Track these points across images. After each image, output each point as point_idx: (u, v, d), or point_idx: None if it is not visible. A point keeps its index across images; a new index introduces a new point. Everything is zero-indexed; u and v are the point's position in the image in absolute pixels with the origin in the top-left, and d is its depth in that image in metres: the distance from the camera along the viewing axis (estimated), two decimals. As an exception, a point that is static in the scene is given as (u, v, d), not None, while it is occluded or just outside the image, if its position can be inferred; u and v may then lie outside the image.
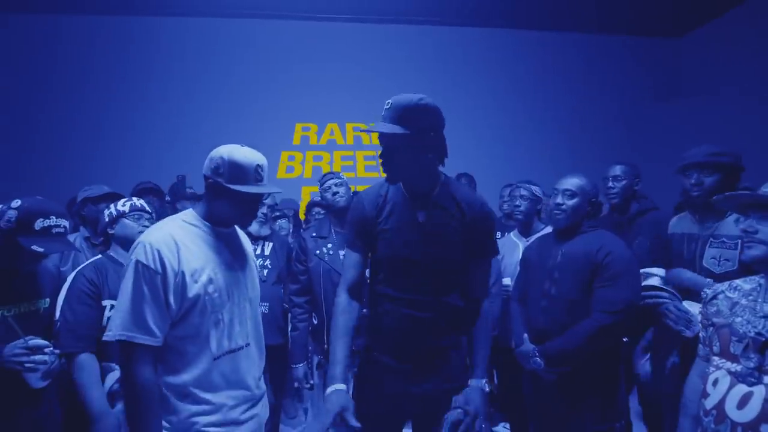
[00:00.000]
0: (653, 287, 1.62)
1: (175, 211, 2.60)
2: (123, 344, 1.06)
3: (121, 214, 1.61)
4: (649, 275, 1.70)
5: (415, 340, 1.27)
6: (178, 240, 1.12)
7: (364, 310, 1.37)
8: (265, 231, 2.22)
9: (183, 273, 1.09)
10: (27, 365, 1.25)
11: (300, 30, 4.40)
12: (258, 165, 1.19)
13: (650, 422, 2.15)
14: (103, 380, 1.43)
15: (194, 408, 1.12)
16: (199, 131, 4.10)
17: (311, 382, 2.06)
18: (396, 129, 1.12)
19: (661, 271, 1.72)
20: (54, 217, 1.36)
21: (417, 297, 1.24)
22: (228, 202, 1.18)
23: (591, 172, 1.83)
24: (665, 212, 2.07)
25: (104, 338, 1.10)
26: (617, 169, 2.23)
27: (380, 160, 1.21)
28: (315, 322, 2.04)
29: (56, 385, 1.41)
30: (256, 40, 4.37)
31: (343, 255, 1.43)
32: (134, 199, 1.68)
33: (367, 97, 4.45)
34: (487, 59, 4.64)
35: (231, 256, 1.23)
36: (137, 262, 1.07)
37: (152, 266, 1.06)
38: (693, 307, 1.52)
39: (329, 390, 1.15)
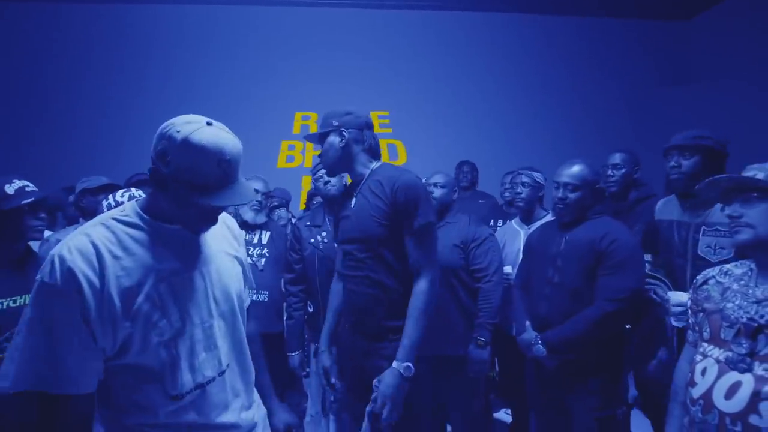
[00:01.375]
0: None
1: None
2: (27, 397, 0.76)
3: (119, 205, 1.59)
4: None
5: (360, 317, 1.42)
6: (103, 248, 0.82)
7: None
8: (261, 219, 2.18)
9: (109, 296, 0.80)
10: None
11: (300, 17, 4.34)
12: (223, 159, 0.84)
13: (650, 410, 2.15)
14: None
15: None
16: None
17: (307, 369, 2.08)
18: (320, 129, 1.43)
19: (647, 257, 1.71)
20: (17, 180, 1.41)
21: (355, 274, 1.40)
22: (176, 204, 0.87)
23: (593, 159, 1.79)
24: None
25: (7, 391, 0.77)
26: (617, 157, 2.21)
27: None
28: (311, 310, 2.04)
29: None
30: (255, 28, 4.32)
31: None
32: (133, 189, 1.65)
33: (368, 84, 4.40)
34: (489, 44, 4.56)
35: (184, 263, 0.92)
36: (41, 283, 0.78)
37: (64, 289, 0.77)
38: (681, 297, 1.50)
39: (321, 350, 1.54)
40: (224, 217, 1.12)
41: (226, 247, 1.05)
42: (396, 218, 1.32)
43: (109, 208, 1.57)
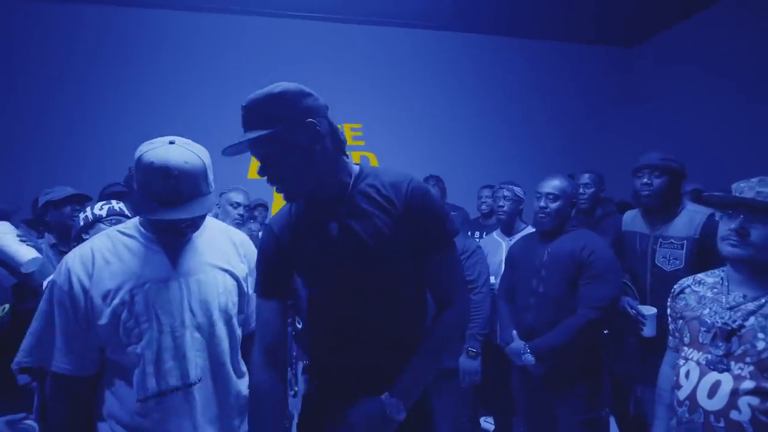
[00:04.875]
0: None
1: None
2: (37, 371, 0.96)
3: (98, 219, 1.49)
4: None
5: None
6: (98, 255, 0.95)
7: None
8: (244, 233, 2.15)
9: (92, 295, 0.92)
10: None
11: (273, 28, 4.31)
12: (164, 175, 0.89)
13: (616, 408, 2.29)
14: None
15: None
16: (175, 129, 3.85)
17: (295, 388, 2.02)
18: (260, 132, 0.84)
19: None
20: None
21: (358, 328, 0.94)
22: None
23: (556, 173, 1.88)
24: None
25: (12, 365, 0.95)
26: (586, 177, 2.44)
27: (266, 179, 0.89)
28: (299, 326, 2.00)
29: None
30: (236, 38, 4.24)
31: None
32: (113, 202, 1.56)
33: (341, 97, 4.40)
34: (459, 63, 4.75)
35: (171, 271, 0.97)
36: (52, 281, 0.96)
37: (62, 286, 0.93)
38: (647, 311, 1.70)
39: None
40: (231, 232, 1.16)
41: (219, 261, 1.06)
42: (410, 233, 0.93)
43: (86, 221, 1.49)
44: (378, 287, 0.93)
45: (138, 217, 1.03)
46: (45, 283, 1.02)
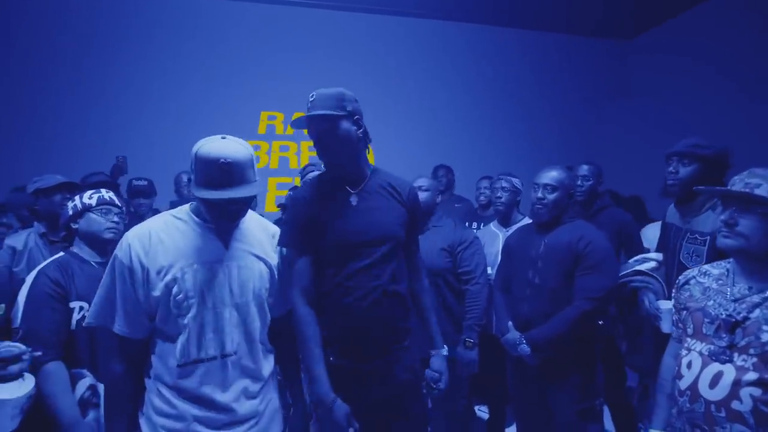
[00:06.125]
0: (640, 272, 1.73)
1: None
2: (98, 331, 1.14)
3: (87, 208, 1.47)
4: (647, 260, 1.80)
5: (373, 333, 1.22)
6: (154, 235, 1.08)
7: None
8: None
9: (148, 269, 1.05)
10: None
11: (266, 15, 4.20)
12: (222, 162, 1.03)
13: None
14: (73, 388, 1.31)
15: (163, 407, 1.08)
16: (164, 119, 3.83)
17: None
18: (330, 111, 1.17)
19: (659, 256, 1.81)
20: None
21: (373, 284, 1.20)
22: (200, 202, 1.10)
23: (552, 164, 1.85)
24: (619, 210, 2.28)
25: (83, 324, 1.16)
26: (584, 169, 2.35)
27: (316, 150, 1.22)
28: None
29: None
30: (220, 24, 4.12)
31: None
32: (103, 191, 1.53)
33: (336, 85, 4.35)
34: (457, 53, 4.70)
35: (217, 256, 1.11)
36: (114, 254, 1.08)
37: (123, 259, 1.06)
38: (665, 305, 1.63)
39: (330, 402, 1.13)
40: (269, 226, 1.29)
41: (257, 250, 1.19)
42: (410, 222, 1.32)
43: (75, 209, 1.47)
44: (383, 250, 1.22)
45: (191, 203, 1.16)
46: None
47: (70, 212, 1.47)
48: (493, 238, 2.25)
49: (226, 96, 4.08)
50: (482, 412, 2.64)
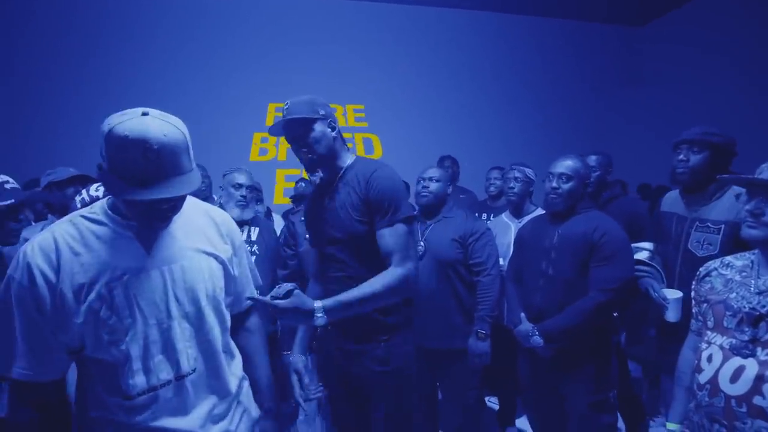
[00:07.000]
0: (639, 261, 1.70)
1: None
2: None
3: (95, 200, 1.46)
4: (638, 249, 1.78)
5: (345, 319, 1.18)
6: (63, 245, 0.83)
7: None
8: (248, 215, 2.11)
9: (61, 291, 0.81)
10: None
11: (274, 7, 4.18)
12: (143, 150, 0.76)
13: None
14: None
15: None
16: (170, 112, 3.80)
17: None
18: (304, 115, 1.25)
19: (650, 245, 1.80)
20: None
21: (338, 275, 1.31)
22: (119, 202, 0.87)
23: (563, 153, 1.83)
24: (630, 198, 2.22)
25: None
26: (593, 159, 2.28)
27: (300, 154, 1.30)
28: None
29: None
30: (228, 16, 4.11)
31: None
32: None
33: (343, 77, 4.33)
34: (464, 41, 4.64)
35: (144, 261, 0.88)
36: (8, 276, 0.82)
37: (22, 281, 0.81)
38: (671, 294, 1.62)
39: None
40: (211, 211, 1.06)
41: (201, 243, 0.98)
42: (371, 212, 1.24)
43: (83, 203, 1.45)
44: (342, 240, 1.30)
45: (105, 200, 0.91)
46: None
47: (79, 206, 1.47)
48: (506, 229, 2.23)
49: (233, 88, 4.07)
50: (492, 403, 2.64)
